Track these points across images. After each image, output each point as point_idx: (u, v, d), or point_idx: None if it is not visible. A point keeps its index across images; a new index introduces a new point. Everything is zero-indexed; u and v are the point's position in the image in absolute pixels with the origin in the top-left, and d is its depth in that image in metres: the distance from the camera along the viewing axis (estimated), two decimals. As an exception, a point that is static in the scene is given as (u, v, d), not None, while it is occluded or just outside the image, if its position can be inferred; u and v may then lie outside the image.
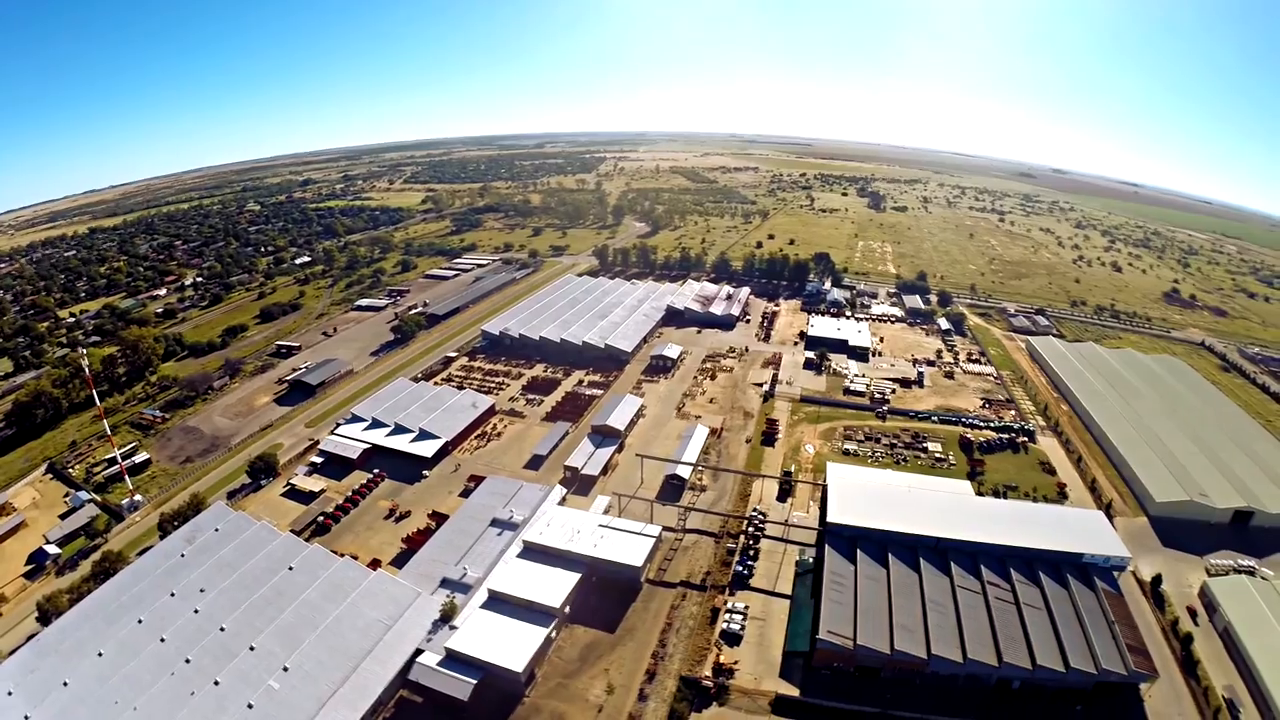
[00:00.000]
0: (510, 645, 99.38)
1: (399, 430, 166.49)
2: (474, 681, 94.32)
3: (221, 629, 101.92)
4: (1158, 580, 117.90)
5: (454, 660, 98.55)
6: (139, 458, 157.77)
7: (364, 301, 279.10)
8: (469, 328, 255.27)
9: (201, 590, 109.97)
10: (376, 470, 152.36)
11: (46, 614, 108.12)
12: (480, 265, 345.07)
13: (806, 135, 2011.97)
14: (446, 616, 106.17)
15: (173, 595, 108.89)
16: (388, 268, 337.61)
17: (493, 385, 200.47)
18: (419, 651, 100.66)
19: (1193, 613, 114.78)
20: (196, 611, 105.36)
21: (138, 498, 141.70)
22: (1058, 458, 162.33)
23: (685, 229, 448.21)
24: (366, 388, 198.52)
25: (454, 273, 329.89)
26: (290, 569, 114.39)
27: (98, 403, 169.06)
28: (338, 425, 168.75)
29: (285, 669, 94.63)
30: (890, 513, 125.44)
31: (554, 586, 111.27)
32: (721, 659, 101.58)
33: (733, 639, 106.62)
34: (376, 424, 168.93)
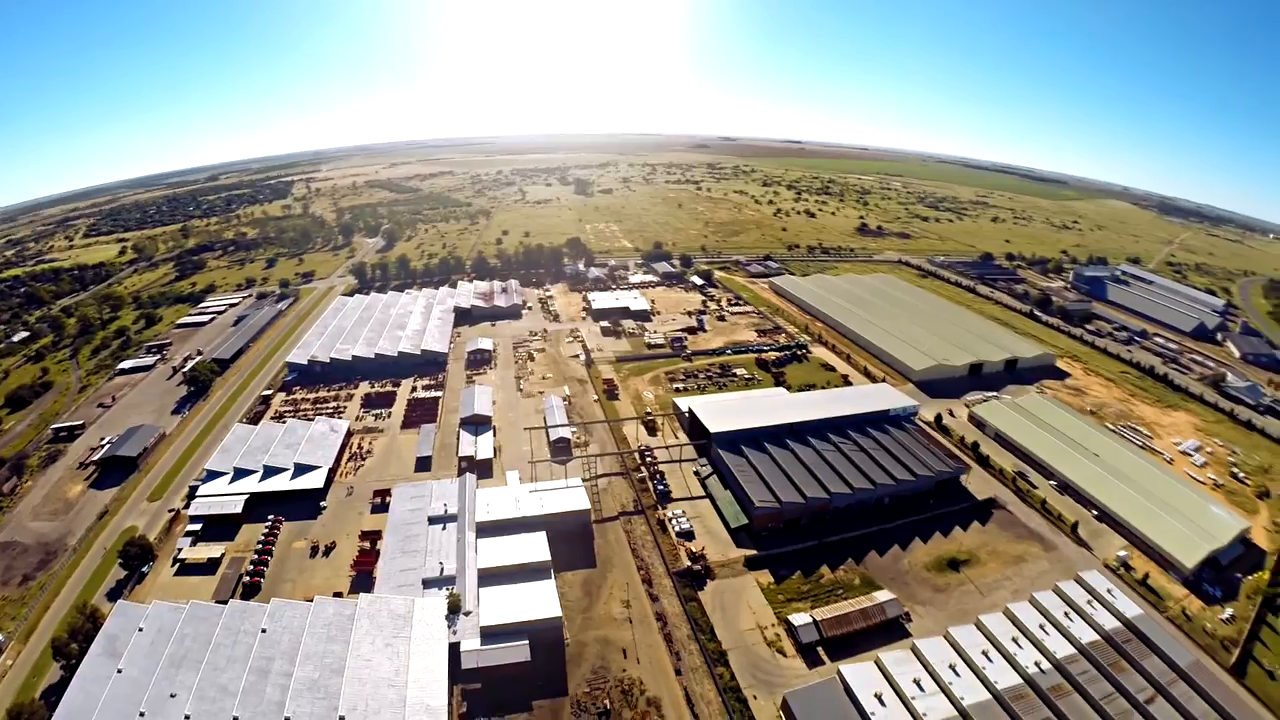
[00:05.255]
0: (534, 602, 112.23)
1: (271, 472, 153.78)
2: (526, 642, 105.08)
3: (235, 719, 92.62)
4: (939, 418, 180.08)
5: (493, 636, 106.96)
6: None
7: (127, 364, 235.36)
8: (265, 364, 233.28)
9: (173, 696, 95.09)
10: (271, 516, 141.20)
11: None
12: (233, 304, 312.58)
13: (485, 135, 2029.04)
14: (455, 608, 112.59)
15: (143, 716, 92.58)
16: (129, 324, 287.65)
17: (330, 410, 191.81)
18: (454, 646, 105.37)
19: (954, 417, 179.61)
20: (188, 718, 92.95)
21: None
22: (832, 359, 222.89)
23: (420, 238, 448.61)
24: (194, 445, 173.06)
25: (208, 317, 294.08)
26: (264, 631, 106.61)
27: None
28: (196, 488, 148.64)
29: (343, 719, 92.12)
30: (747, 417, 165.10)
31: (533, 546, 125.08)
32: (693, 550, 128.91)
33: (687, 536, 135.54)
34: (241, 473, 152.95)
